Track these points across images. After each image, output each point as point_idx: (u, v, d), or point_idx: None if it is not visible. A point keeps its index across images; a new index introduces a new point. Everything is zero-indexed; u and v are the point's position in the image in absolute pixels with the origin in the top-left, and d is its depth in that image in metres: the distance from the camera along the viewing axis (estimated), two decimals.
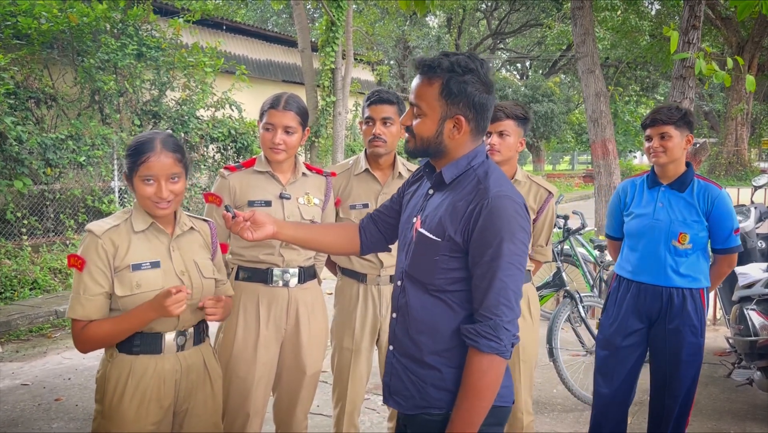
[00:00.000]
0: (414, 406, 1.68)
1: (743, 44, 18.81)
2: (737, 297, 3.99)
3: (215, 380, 2.11)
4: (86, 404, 4.13)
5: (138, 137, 1.97)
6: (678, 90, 6.66)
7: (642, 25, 16.75)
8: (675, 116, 2.75)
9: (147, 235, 1.99)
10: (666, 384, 2.83)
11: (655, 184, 2.88)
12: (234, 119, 10.66)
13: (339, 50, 12.43)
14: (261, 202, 2.46)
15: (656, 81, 28.35)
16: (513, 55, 33.25)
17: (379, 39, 20.73)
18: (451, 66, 1.62)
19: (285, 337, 2.53)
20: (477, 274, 1.59)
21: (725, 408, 4.08)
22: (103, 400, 1.95)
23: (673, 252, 2.79)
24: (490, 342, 1.55)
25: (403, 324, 1.72)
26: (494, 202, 1.57)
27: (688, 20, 6.61)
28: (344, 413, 2.77)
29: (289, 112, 2.43)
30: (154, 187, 1.92)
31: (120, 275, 1.91)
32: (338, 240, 2.00)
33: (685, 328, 2.77)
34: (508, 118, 2.70)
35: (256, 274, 2.49)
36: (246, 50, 14.89)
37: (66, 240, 8.05)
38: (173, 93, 9.82)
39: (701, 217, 2.78)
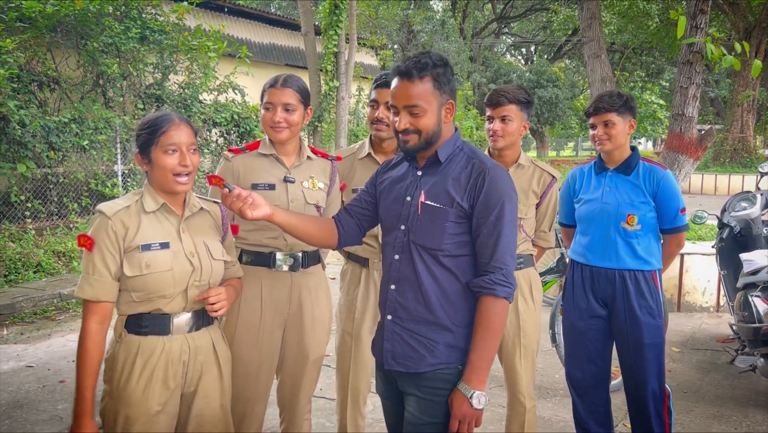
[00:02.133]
0: (425, 364, 1.88)
1: (750, 29, 18.62)
2: (742, 284, 3.99)
3: (224, 363, 2.11)
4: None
5: (150, 115, 1.98)
6: (685, 75, 6.62)
7: (650, 8, 16.57)
8: (617, 103, 2.79)
9: (157, 216, 1.99)
10: (633, 368, 2.86)
11: (602, 169, 2.92)
12: (237, 103, 10.63)
13: (342, 34, 12.35)
14: (265, 185, 2.45)
15: (662, 66, 28.14)
16: (518, 39, 33.01)
17: (382, 23, 20.59)
18: (435, 63, 1.87)
19: (288, 321, 2.53)
20: (484, 233, 1.84)
21: (728, 394, 4.09)
22: (111, 380, 1.96)
23: (623, 234, 2.82)
24: (504, 288, 1.83)
25: (407, 292, 1.91)
26: (493, 171, 1.86)
27: (696, 5, 6.55)
28: (347, 400, 2.77)
29: (288, 89, 2.42)
30: (177, 157, 1.93)
31: (129, 255, 1.91)
32: (319, 232, 2.10)
33: (642, 310, 2.80)
34: (510, 103, 2.69)
35: (260, 258, 2.49)
36: (249, 34, 14.80)
37: (69, 223, 8.06)
38: (176, 77, 9.79)
39: (648, 198, 2.82)
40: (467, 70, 22.11)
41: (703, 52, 6.59)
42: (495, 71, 25.33)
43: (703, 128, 5.62)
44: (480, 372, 1.82)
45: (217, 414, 2.09)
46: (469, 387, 1.81)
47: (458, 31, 23.39)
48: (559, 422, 3.74)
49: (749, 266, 3.95)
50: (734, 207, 4.68)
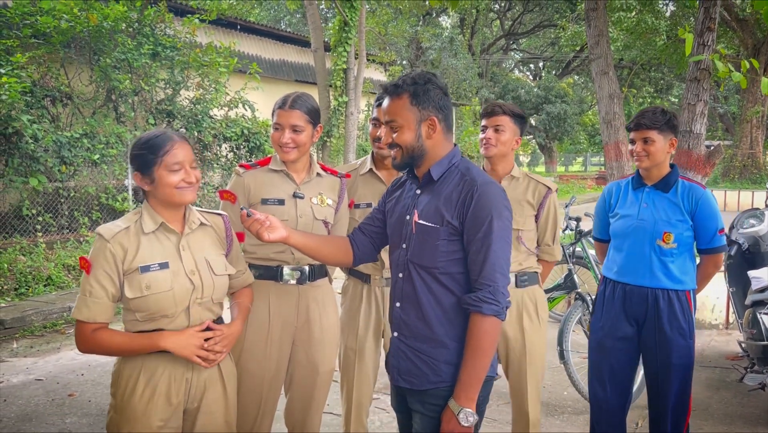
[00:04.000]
0: (427, 382, 1.90)
1: (759, 46, 18.64)
2: (750, 301, 3.97)
3: (228, 379, 2.12)
4: (99, 399, 4.18)
5: (144, 135, 2.00)
6: (692, 92, 6.62)
7: (658, 25, 16.62)
8: (659, 121, 2.76)
9: (157, 235, 2.00)
10: (659, 388, 2.83)
11: (640, 185, 2.90)
12: (247, 119, 10.72)
13: (352, 50, 12.45)
14: (274, 200, 2.48)
15: (670, 83, 28.16)
16: (526, 55, 33.14)
17: (391, 39, 20.74)
18: (413, 80, 1.92)
19: (296, 335, 2.54)
20: (473, 249, 1.85)
21: (737, 412, 4.06)
22: (116, 394, 1.98)
23: (659, 252, 2.79)
24: (491, 305, 1.81)
25: (410, 310, 1.94)
26: (482, 188, 1.87)
27: (703, 22, 6.57)
28: (351, 414, 2.79)
29: (296, 111, 2.46)
30: (181, 174, 1.97)
31: (129, 278, 1.93)
32: (334, 252, 2.16)
33: (673, 331, 2.77)
34: (504, 114, 2.78)
35: (267, 271, 2.51)
36: (259, 50, 14.95)
37: (80, 237, 8.13)
38: (187, 92, 9.89)
39: (686, 216, 2.79)
40: (476, 86, 22.21)
41: (710, 69, 6.61)
42: (503, 87, 25.44)
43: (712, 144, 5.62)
44: (469, 390, 1.82)
45: (222, 430, 2.10)
46: (457, 404, 1.82)
47: (467, 47, 23.53)
48: None
49: (757, 284, 3.93)
50: (742, 224, 4.66)
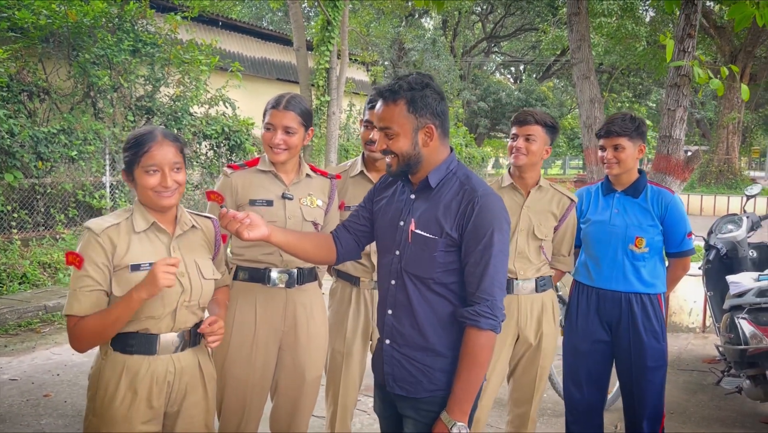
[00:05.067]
0: (423, 390, 1.87)
1: (736, 53, 18.95)
2: (728, 306, 4.01)
3: (209, 382, 2.09)
4: (75, 400, 4.11)
5: (135, 131, 1.96)
6: (672, 98, 6.69)
7: (639, 31, 16.82)
8: (629, 128, 2.79)
9: (148, 235, 1.96)
10: (634, 391, 2.86)
11: (610, 191, 2.93)
12: (228, 117, 10.63)
13: (334, 50, 12.41)
14: (263, 201, 2.45)
15: (649, 88, 28.51)
16: (507, 58, 33.32)
17: (373, 39, 20.72)
18: (410, 85, 1.84)
19: (282, 339, 2.51)
20: (471, 262, 1.81)
21: (714, 416, 4.11)
22: (95, 397, 1.93)
23: (631, 257, 2.83)
24: (489, 320, 1.78)
25: (403, 318, 1.90)
26: (483, 199, 1.82)
27: (684, 29, 6.64)
28: (336, 417, 2.77)
29: (290, 113, 2.42)
30: (157, 177, 1.90)
31: (118, 275, 1.89)
32: (317, 249, 2.10)
33: (647, 334, 2.81)
34: (536, 124, 2.74)
35: (255, 274, 2.48)
36: (241, 48, 14.85)
37: (56, 234, 7.99)
38: (167, 89, 9.79)
39: (656, 221, 2.84)
40: (457, 88, 22.29)
41: (690, 76, 6.68)
42: (484, 89, 25.54)
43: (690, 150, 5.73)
44: (463, 404, 1.80)
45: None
46: (450, 418, 1.79)
47: (449, 49, 23.59)
48: None
49: (736, 288, 3.98)
50: (720, 229, 4.73)
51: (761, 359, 3.76)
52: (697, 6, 6.72)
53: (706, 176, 21.58)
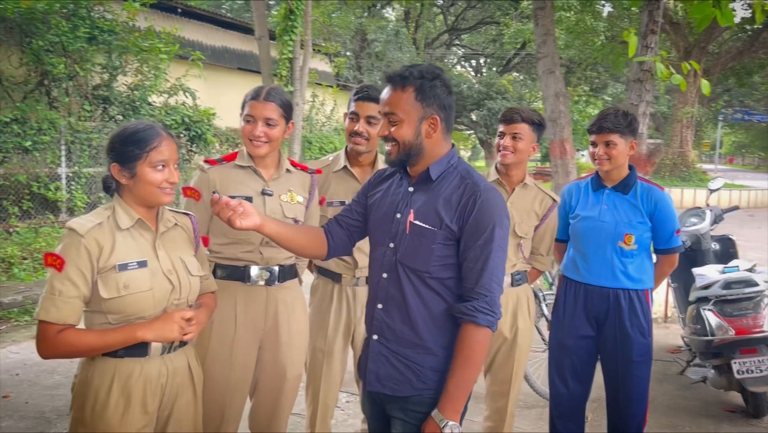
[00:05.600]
0: (411, 388, 1.83)
1: (690, 49, 19.45)
2: (694, 297, 4.11)
3: (198, 383, 2.04)
4: (37, 401, 3.96)
5: (131, 127, 1.88)
6: (635, 93, 6.82)
7: (597, 26, 17.10)
8: (621, 124, 2.78)
9: (132, 232, 1.88)
10: (619, 385, 2.89)
11: (600, 186, 2.93)
12: (188, 107, 10.40)
13: (297, 39, 12.24)
14: (241, 198, 2.36)
15: (605, 82, 29.06)
16: (468, 51, 33.50)
17: (336, 30, 20.55)
18: (421, 74, 1.81)
19: (263, 338, 2.45)
20: (470, 256, 1.78)
21: (680, 405, 4.21)
22: (84, 407, 1.83)
23: (620, 253, 2.84)
24: (487, 316, 1.76)
25: (394, 313, 1.86)
26: (485, 194, 1.80)
27: (647, 25, 6.77)
28: (317, 416, 2.72)
29: (271, 104, 2.35)
30: (165, 173, 1.86)
31: (105, 276, 1.80)
32: (308, 243, 2.05)
33: (633, 329, 2.83)
34: (523, 122, 2.73)
35: (234, 272, 2.41)
36: (201, 36, 14.52)
37: (9, 228, 7.70)
38: (125, 78, 9.52)
39: (645, 218, 2.84)
40: None
41: (653, 71, 6.82)
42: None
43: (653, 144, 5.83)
44: (456, 402, 1.76)
45: None
46: (443, 417, 1.75)
47: (411, 41, 23.58)
48: None
49: (702, 281, 4.07)
50: (684, 223, 4.83)
51: (726, 350, 3.86)
52: (660, 3, 6.85)
53: (660, 169, 22.13)
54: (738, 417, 4.02)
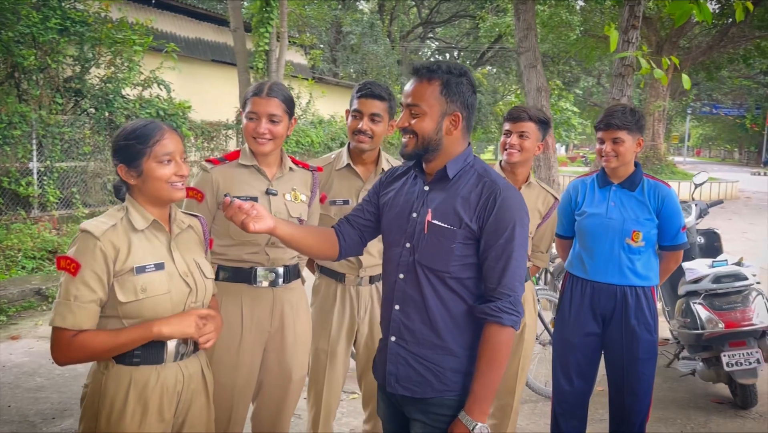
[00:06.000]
0: (431, 390, 1.80)
1: (662, 44, 19.72)
2: (684, 291, 4.15)
3: (210, 388, 1.99)
4: (21, 405, 3.83)
5: (131, 125, 1.82)
6: (617, 88, 6.88)
7: (572, 20, 17.22)
8: (629, 121, 2.77)
9: (146, 234, 1.82)
10: (624, 382, 2.88)
11: (606, 183, 2.91)
12: (162, 99, 10.19)
13: (274, 31, 12.09)
14: (246, 198, 2.28)
15: (577, 76, 29.35)
16: (442, 45, 33.52)
17: (311, 22, 20.36)
18: (449, 69, 1.80)
19: (268, 340, 2.39)
20: (492, 256, 1.76)
21: (668, 398, 4.25)
22: (97, 416, 1.76)
23: (627, 250, 2.83)
24: (511, 316, 1.74)
25: (413, 314, 1.82)
26: (505, 192, 1.77)
27: (628, 20, 6.83)
28: (320, 417, 2.68)
29: (274, 100, 2.28)
30: (172, 167, 1.81)
31: (122, 280, 1.73)
32: (320, 244, 2.01)
33: (640, 326, 2.82)
34: (530, 120, 2.72)
35: (239, 274, 2.34)
36: (175, 28, 14.25)
37: None
38: (98, 70, 9.29)
39: (652, 215, 2.83)
40: (395, 74, 22.25)
41: (634, 66, 6.87)
42: None
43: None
44: (483, 403, 1.74)
45: None
46: (471, 419, 1.73)
47: (386, 33, 23.50)
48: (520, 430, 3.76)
49: (692, 275, 4.11)
50: None
51: (716, 343, 3.92)
52: None
53: None
54: (726, 408, 4.08)
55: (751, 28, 18.60)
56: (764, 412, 4.03)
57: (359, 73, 22.29)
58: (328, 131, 15.35)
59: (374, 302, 2.71)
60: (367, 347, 2.73)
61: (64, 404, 3.84)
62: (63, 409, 3.77)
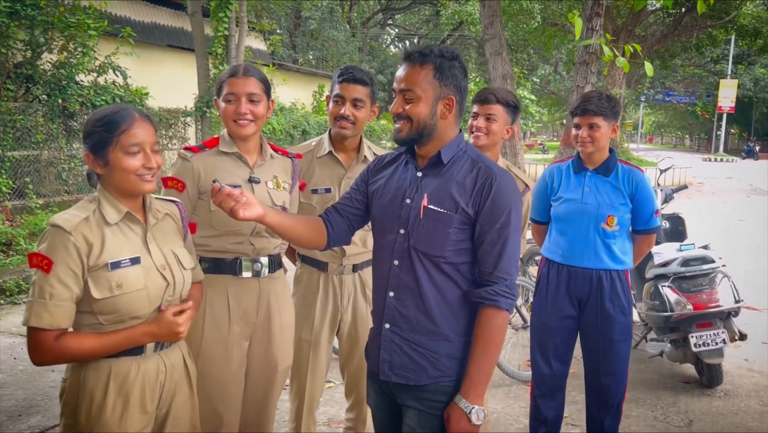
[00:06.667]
0: (426, 377, 1.80)
1: (618, 32, 20.02)
2: (653, 275, 4.24)
3: (193, 378, 1.94)
4: None
5: (101, 111, 1.73)
6: (581, 75, 6.97)
7: (532, 8, 17.34)
8: (605, 107, 2.81)
9: (120, 227, 1.74)
10: (600, 364, 2.94)
11: (581, 169, 2.95)
12: (119, 86, 9.90)
13: (233, 16, 11.84)
14: (229, 186, 2.23)
15: (535, 64, 29.65)
16: (402, 32, 33.43)
17: (270, 7, 20.02)
18: (441, 53, 1.79)
19: (254, 331, 2.34)
20: (488, 240, 1.76)
21: (638, 378, 4.35)
22: (77, 411, 1.70)
23: (602, 235, 2.88)
24: (508, 299, 1.76)
25: (408, 301, 1.82)
26: (500, 178, 1.78)
27: (592, 8, 6.89)
28: (303, 407, 2.64)
29: (251, 79, 2.22)
30: (140, 159, 1.71)
31: (96, 276, 1.66)
32: (309, 233, 1.97)
33: (615, 309, 2.88)
34: (498, 103, 2.68)
35: (223, 265, 2.28)
36: (129, 11, 13.83)
37: None
38: (50, 55, 8.95)
39: (627, 199, 2.89)
40: (356, 60, 22.09)
41: (598, 54, 6.95)
42: (382, 62, 25.52)
43: None
44: (479, 387, 1.74)
45: None
46: (467, 402, 1.73)
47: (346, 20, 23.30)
48: (492, 413, 3.79)
49: (660, 258, 4.21)
50: None
51: (684, 324, 4.02)
52: None
53: None
54: (693, 388, 4.20)
55: (703, 18, 19.05)
56: (729, 390, 4.16)
57: (319, 60, 22.07)
58: (290, 119, 15.16)
59: (357, 291, 2.67)
60: (350, 336, 2.70)
61: (30, 401, 3.70)
62: (29, 406, 3.64)
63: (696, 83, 40.62)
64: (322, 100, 17.75)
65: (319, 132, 14.55)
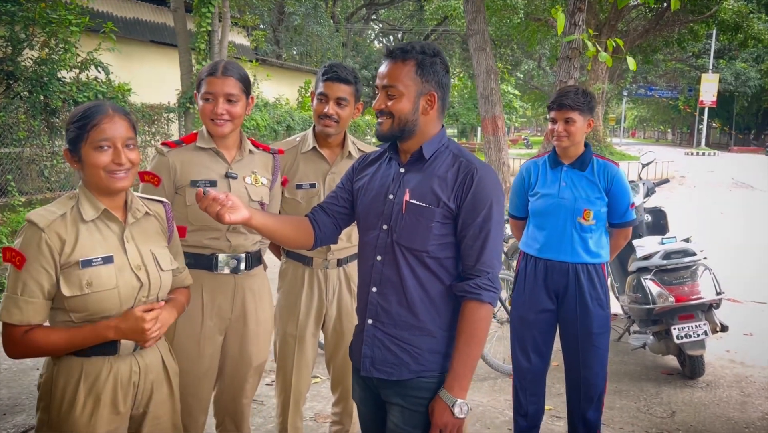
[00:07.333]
0: (407, 372, 1.81)
1: (601, 27, 20.15)
2: (635, 268, 4.29)
3: (173, 378, 1.93)
4: None
5: (80, 107, 1.73)
6: (564, 70, 7.01)
7: (516, 3, 17.40)
8: (581, 102, 2.87)
9: (97, 224, 1.74)
10: (579, 357, 2.98)
11: (557, 164, 2.99)
12: (101, 82, 9.80)
13: (216, 11, 11.78)
14: (205, 182, 2.23)
15: (519, 59, 29.76)
16: (386, 27, 33.39)
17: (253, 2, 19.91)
18: (422, 49, 1.81)
19: (229, 327, 2.36)
20: (470, 234, 1.77)
21: (621, 370, 4.41)
22: (49, 408, 1.71)
23: (579, 229, 2.92)
24: (490, 293, 1.77)
25: (390, 296, 1.82)
26: (482, 171, 1.80)
27: (575, 3, 6.94)
28: (289, 402, 2.65)
29: (230, 79, 2.22)
30: (109, 154, 1.70)
31: (67, 273, 1.66)
32: (296, 234, 1.97)
33: (593, 302, 2.93)
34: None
35: (200, 260, 2.28)
36: (111, 7, 13.69)
37: None
38: (31, 52, 8.84)
39: (602, 193, 2.94)
40: (340, 56, 22.04)
41: (580, 49, 7.00)
42: (366, 57, 25.48)
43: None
44: (462, 380, 1.75)
45: None
46: (451, 395, 1.74)
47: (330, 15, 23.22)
48: (477, 407, 3.83)
49: (642, 252, 4.26)
50: None
51: (666, 316, 4.07)
52: None
53: None
54: (676, 379, 4.26)
55: (684, 13, 19.22)
56: (711, 381, 4.23)
57: (303, 55, 21.98)
58: (274, 114, 15.11)
59: (342, 285, 2.69)
60: (336, 330, 2.71)
61: (14, 400, 3.68)
62: (14, 405, 3.62)
63: (678, 78, 41.01)
64: (306, 96, 17.70)
65: (304, 128, 14.51)
